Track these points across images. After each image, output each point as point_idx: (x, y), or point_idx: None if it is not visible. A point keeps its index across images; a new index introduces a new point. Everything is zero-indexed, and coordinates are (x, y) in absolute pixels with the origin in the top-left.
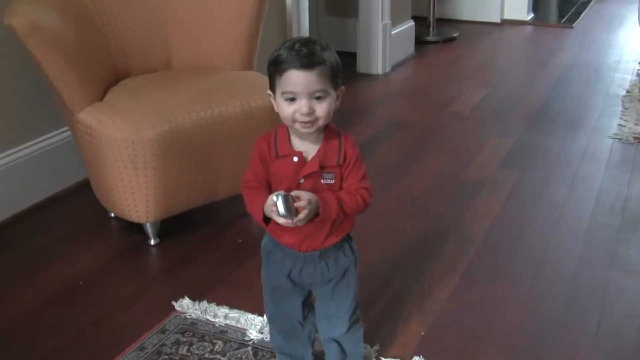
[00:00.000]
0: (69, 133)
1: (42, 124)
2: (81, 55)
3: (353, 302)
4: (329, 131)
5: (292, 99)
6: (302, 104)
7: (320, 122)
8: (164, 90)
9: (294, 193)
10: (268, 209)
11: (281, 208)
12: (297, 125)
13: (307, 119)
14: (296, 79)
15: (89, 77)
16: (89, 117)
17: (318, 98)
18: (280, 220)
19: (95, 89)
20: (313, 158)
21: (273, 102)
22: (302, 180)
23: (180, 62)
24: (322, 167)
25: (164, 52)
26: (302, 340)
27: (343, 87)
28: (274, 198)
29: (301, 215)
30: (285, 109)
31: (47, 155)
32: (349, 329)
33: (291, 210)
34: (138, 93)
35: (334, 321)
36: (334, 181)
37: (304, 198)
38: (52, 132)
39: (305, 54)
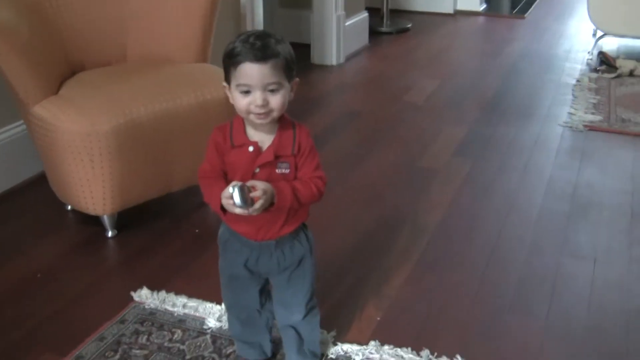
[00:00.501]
0: (23, 127)
1: None
2: (35, 48)
3: (309, 290)
4: (283, 122)
5: (247, 92)
6: (256, 96)
7: (275, 114)
8: (119, 83)
9: (249, 183)
10: (224, 200)
11: (237, 199)
12: (252, 117)
13: (261, 111)
14: (250, 71)
15: (43, 70)
16: (44, 111)
17: (272, 90)
18: (237, 211)
19: (50, 82)
20: (268, 148)
21: (228, 93)
22: (257, 170)
23: (135, 55)
24: (277, 157)
25: (118, 45)
26: (260, 327)
27: (297, 79)
28: (230, 190)
29: (257, 205)
30: (240, 101)
31: (1, 149)
32: (305, 315)
33: (247, 201)
34: (93, 86)
35: (291, 308)
36: (288, 171)
37: (259, 188)
38: (7, 126)
39: (260, 47)
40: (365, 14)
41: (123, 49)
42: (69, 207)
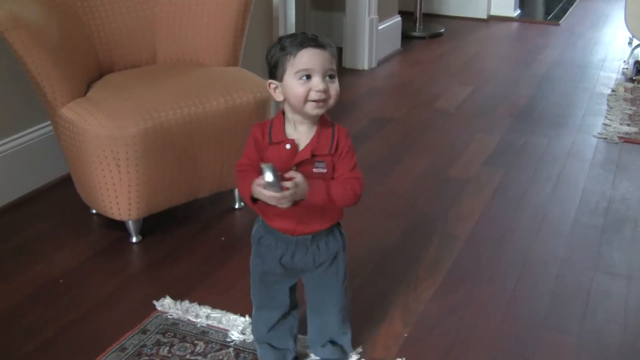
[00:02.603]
0: (49, 128)
1: (23, 119)
2: (64, 49)
3: (342, 294)
4: (323, 121)
5: (308, 77)
6: (317, 81)
7: (331, 102)
8: (147, 86)
9: (290, 173)
10: (258, 183)
11: (269, 176)
12: (309, 106)
13: (322, 97)
14: (313, 56)
15: (72, 72)
16: (71, 113)
17: (331, 76)
18: (265, 194)
19: (78, 84)
20: (306, 146)
21: (273, 92)
22: (294, 168)
23: (164, 57)
24: (313, 156)
25: (148, 47)
26: (285, 332)
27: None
28: (262, 166)
29: (287, 193)
30: (298, 89)
31: (27, 150)
32: (337, 317)
33: (278, 181)
34: (121, 89)
35: (325, 314)
36: (326, 170)
37: (296, 176)
38: (33, 127)
39: (314, 38)
40: (398, 18)
41: (153, 50)
42: (94, 211)
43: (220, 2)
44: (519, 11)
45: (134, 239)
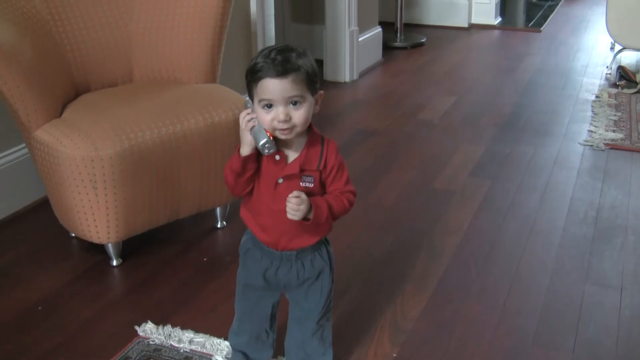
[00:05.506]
0: (25, 150)
1: None
2: (38, 70)
3: (325, 306)
4: (312, 136)
5: (270, 106)
6: (278, 111)
7: (298, 129)
8: (124, 106)
9: (293, 194)
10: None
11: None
12: (277, 133)
13: (284, 126)
14: (271, 86)
15: (47, 93)
16: (47, 135)
17: (295, 103)
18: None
19: (53, 105)
20: (294, 161)
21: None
22: (280, 180)
23: (141, 75)
24: (302, 170)
25: (124, 65)
26: (261, 344)
27: (322, 92)
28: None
29: (294, 214)
30: (264, 117)
31: (3, 173)
32: (315, 332)
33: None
34: (97, 109)
35: (303, 325)
36: (312, 185)
37: (299, 196)
38: (10, 150)
39: (280, 62)
40: (378, 29)
41: (129, 69)
42: (73, 234)
43: (196, 17)
44: (499, 19)
45: (114, 262)
